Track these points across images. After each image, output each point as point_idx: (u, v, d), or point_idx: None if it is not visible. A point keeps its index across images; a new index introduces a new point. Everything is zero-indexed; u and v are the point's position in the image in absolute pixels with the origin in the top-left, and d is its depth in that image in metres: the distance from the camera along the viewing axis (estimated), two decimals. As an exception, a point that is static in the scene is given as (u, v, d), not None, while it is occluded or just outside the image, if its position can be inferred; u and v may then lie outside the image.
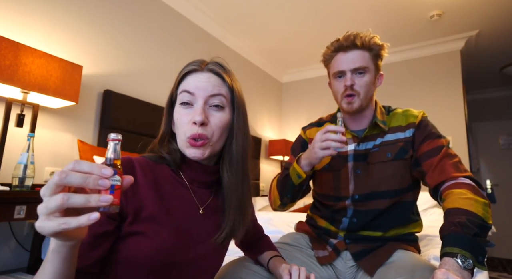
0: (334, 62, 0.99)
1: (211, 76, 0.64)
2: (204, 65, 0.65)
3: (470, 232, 0.66)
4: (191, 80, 0.63)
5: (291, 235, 1.04)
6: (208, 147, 0.61)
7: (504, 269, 3.39)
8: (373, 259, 0.85)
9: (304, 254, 0.95)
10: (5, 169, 1.45)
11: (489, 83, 4.19)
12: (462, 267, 0.61)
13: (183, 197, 0.63)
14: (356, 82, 0.94)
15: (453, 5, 2.54)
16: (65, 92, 1.50)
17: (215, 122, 0.62)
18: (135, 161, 0.59)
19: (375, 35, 0.97)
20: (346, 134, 0.98)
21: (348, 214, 0.95)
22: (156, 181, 0.60)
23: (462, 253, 0.62)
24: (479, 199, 0.72)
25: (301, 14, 2.74)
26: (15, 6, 1.58)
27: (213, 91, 0.62)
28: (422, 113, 0.97)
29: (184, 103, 0.62)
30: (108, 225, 0.52)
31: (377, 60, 0.98)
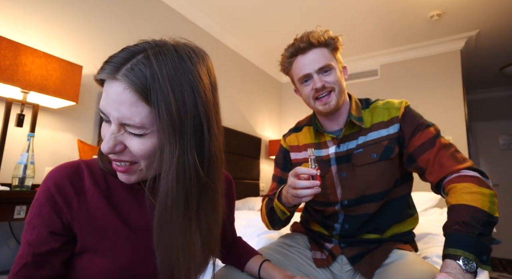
0: (295, 67, 0.94)
1: (123, 91, 0.43)
2: (119, 66, 0.45)
3: (474, 231, 0.64)
4: (104, 94, 0.46)
5: (291, 236, 1.03)
6: (136, 172, 0.49)
7: (504, 269, 3.39)
8: (369, 261, 0.83)
9: (303, 255, 0.93)
10: (5, 169, 1.45)
11: (489, 83, 4.18)
12: (464, 270, 0.59)
13: (141, 204, 0.54)
14: (325, 80, 0.90)
15: (453, 5, 2.54)
16: (65, 92, 1.50)
17: (134, 150, 0.46)
18: (85, 167, 0.51)
19: (327, 30, 0.93)
20: (325, 137, 0.96)
21: (339, 220, 0.92)
22: (110, 187, 0.52)
23: (465, 255, 0.60)
24: (485, 191, 0.69)
25: (301, 14, 2.74)
26: (15, 6, 1.58)
27: (123, 118, 0.44)
28: (404, 103, 0.91)
29: (105, 120, 0.48)
30: (52, 243, 0.47)
31: (337, 54, 0.95)
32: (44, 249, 0.47)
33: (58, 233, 0.48)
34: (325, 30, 0.93)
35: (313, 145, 1.00)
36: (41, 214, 0.47)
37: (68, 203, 0.48)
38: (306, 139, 1.03)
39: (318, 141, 0.99)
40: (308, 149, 0.79)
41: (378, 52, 3.38)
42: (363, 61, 3.50)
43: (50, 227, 0.47)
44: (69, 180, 0.49)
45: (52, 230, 0.47)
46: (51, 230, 0.47)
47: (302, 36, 0.92)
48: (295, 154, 1.04)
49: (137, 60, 0.46)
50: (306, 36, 0.91)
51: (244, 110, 3.36)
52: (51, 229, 0.47)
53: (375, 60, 3.46)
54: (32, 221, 0.47)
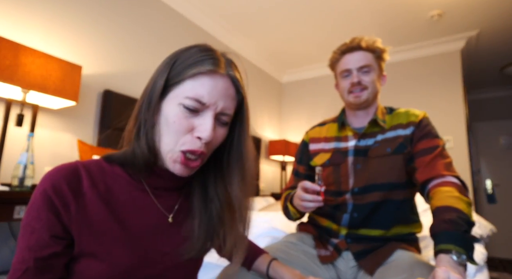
0: (341, 63, 1.05)
1: (229, 86, 0.54)
2: (223, 65, 0.53)
3: (461, 228, 0.68)
4: (206, 85, 0.51)
5: (296, 234, 1.05)
6: (199, 164, 0.53)
7: (504, 269, 3.39)
8: (373, 258, 0.86)
9: (308, 253, 0.95)
10: (5, 169, 1.45)
11: (489, 83, 4.18)
12: (457, 263, 0.63)
13: (143, 206, 0.54)
14: (362, 78, 1.00)
15: (453, 5, 2.54)
16: (65, 92, 1.50)
17: (216, 140, 0.54)
18: (82, 168, 0.50)
19: (378, 39, 1.04)
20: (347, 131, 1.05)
21: (348, 209, 0.96)
22: (109, 190, 0.52)
23: (456, 249, 0.64)
24: (464, 198, 0.76)
25: (301, 14, 2.74)
26: (15, 6, 1.58)
27: (226, 108, 0.53)
28: (424, 113, 1.00)
29: (191, 109, 0.50)
30: (54, 246, 0.46)
31: (380, 62, 1.05)
32: (47, 253, 0.46)
33: (60, 236, 0.47)
34: (376, 39, 1.04)
35: (334, 138, 1.08)
36: (40, 217, 0.46)
37: (66, 206, 0.47)
38: (328, 132, 1.11)
39: (339, 134, 1.07)
40: (316, 167, 0.88)
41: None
42: (363, 61, 3.50)
43: (51, 231, 0.46)
44: (67, 182, 0.48)
45: (53, 234, 0.46)
46: (52, 233, 0.46)
47: (354, 39, 1.03)
48: (314, 145, 1.12)
49: (230, 61, 0.56)
50: (358, 39, 1.03)
51: (244, 110, 3.36)
52: (52, 233, 0.46)
53: (375, 60, 3.46)
54: (30, 224, 0.46)
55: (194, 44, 0.56)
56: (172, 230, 0.56)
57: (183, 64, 0.52)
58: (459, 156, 2.87)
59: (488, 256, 1.32)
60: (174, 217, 0.57)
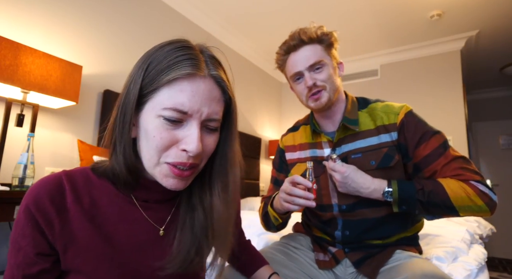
0: (288, 65, 0.93)
1: (213, 88, 0.48)
2: (203, 65, 0.47)
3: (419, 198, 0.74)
4: (185, 92, 0.45)
5: (294, 236, 1.01)
6: (193, 175, 0.50)
7: (504, 269, 3.39)
8: (373, 263, 0.82)
9: (306, 257, 0.92)
10: (5, 169, 1.45)
11: (489, 83, 4.18)
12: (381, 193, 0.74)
13: (132, 220, 0.50)
14: (316, 78, 0.88)
15: (453, 5, 2.54)
16: (65, 92, 1.50)
17: (208, 148, 0.49)
18: (67, 182, 0.47)
19: (321, 25, 0.90)
20: (321, 137, 0.95)
21: (338, 226, 0.90)
22: (94, 203, 0.49)
23: (394, 193, 0.72)
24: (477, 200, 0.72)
25: (301, 14, 2.74)
26: (15, 6, 1.58)
27: (213, 113, 0.47)
28: (405, 109, 0.87)
29: (172, 121, 0.45)
30: (41, 263, 0.45)
31: (331, 50, 0.92)
32: (35, 270, 0.44)
33: (46, 253, 0.45)
34: (318, 26, 0.90)
35: (308, 145, 0.98)
36: (24, 234, 0.44)
37: (50, 223, 0.45)
38: (302, 138, 1.02)
39: (314, 141, 0.97)
40: (308, 162, 0.80)
41: (378, 52, 3.38)
42: (363, 61, 3.50)
43: (36, 248, 0.45)
44: (50, 198, 0.45)
45: (39, 251, 0.45)
46: (37, 251, 0.44)
47: (293, 33, 0.90)
48: (291, 154, 1.03)
49: (212, 58, 0.50)
50: (298, 33, 0.89)
51: (244, 110, 3.36)
52: (38, 250, 0.44)
53: (375, 60, 3.46)
54: (16, 241, 0.45)
55: (168, 41, 0.50)
56: (164, 244, 0.52)
57: (157, 68, 0.46)
58: (459, 156, 2.87)
59: (488, 256, 1.32)
60: (166, 229, 0.53)
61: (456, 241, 1.21)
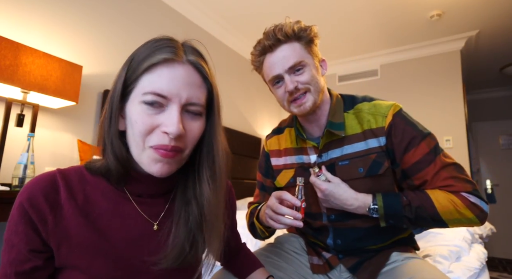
0: (265, 67, 0.84)
1: (192, 73, 0.49)
2: (181, 52, 0.50)
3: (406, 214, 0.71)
4: (163, 75, 0.47)
5: (287, 238, 0.97)
6: (179, 160, 0.50)
7: (504, 269, 3.39)
8: (370, 268, 0.79)
9: (300, 259, 0.90)
10: (5, 169, 1.45)
11: (489, 83, 4.18)
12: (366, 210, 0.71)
13: (126, 215, 0.51)
14: (298, 80, 0.79)
15: (453, 5, 2.54)
16: (65, 92, 1.50)
17: (192, 133, 0.50)
18: (61, 179, 0.48)
19: (298, 21, 0.81)
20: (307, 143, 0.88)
21: (330, 235, 0.86)
22: (88, 200, 0.49)
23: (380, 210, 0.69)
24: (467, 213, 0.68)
25: (301, 15, 2.74)
26: (15, 6, 1.58)
27: (193, 97, 0.48)
28: (392, 110, 0.79)
29: (151, 103, 0.47)
30: (34, 260, 0.45)
31: (311, 47, 0.82)
32: (28, 267, 0.45)
33: (39, 250, 0.45)
34: (295, 21, 0.80)
35: (293, 150, 0.91)
36: (17, 231, 0.45)
37: (43, 220, 0.45)
38: (286, 142, 0.94)
39: (299, 146, 0.90)
40: (298, 178, 0.73)
41: (378, 52, 3.38)
42: (363, 61, 3.50)
43: (29, 245, 0.45)
44: (44, 195, 0.46)
45: (32, 248, 0.45)
46: (30, 247, 0.45)
47: (268, 31, 0.80)
48: (276, 159, 0.95)
49: (191, 47, 0.53)
50: (273, 31, 0.79)
51: (244, 110, 3.36)
52: (31, 247, 0.45)
53: (375, 60, 3.46)
54: (10, 238, 0.45)
55: (153, 38, 0.53)
56: (159, 238, 0.52)
57: (138, 59, 0.49)
58: (458, 156, 2.87)
59: (488, 256, 1.33)
60: (160, 224, 0.53)
61: (458, 240, 1.21)
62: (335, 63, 3.60)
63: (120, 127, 0.50)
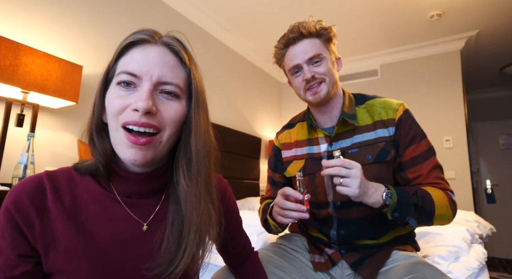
0: (286, 58, 0.93)
1: (165, 53, 0.49)
2: (156, 36, 0.51)
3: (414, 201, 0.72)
4: (135, 55, 0.48)
5: (290, 237, 1.00)
6: (155, 146, 0.47)
7: (504, 269, 3.39)
8: (371, 265, 0.82)
9: (302, 258, 0.92)
10: (5, 169, 1.45)
11: (489, 83, 4.18)
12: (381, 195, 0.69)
13: (114, 217, 0.49)
14: (315, 71, 0.88)
15: (453, 5, 2.54)
16: (65, 92, 1.50)
17: (167, 114, 0.48)
18: (48, 181, 0.47)
19: (320, 20, 0.91)
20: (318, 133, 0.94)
21: (334, 225, 0.89)
22: (76, 202, 0.48)
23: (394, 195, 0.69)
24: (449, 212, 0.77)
25: (301, 15, 2.74)
26: (15, 6, 1.58)
27: (165, 76, 0.48)
28: (402, 107, 0.88)
29: (123, 82, 0.47)
30: (24, 265, 0.44)
31: (330, 45, 0.92)
32: (18, 272, 0.43)
33: (27, 255, 0.44)
34: (317, 20, 0.90)
35: (305, 141, 0.97)
36: (4, 236, 0.44)
37: (30, 224, 0.44)
38: (298, 135, 1.01)
39: (310, 137, 0.96)
40: (297, 173, 0.77)
41: (378, 52, 3.38)
42: (363, 61, 3.50)
43: (17, 250, 0.44)
44: (30, 198, 0.45)
45: (20, 253, 0.44)
46: (18, 252, 0.44)
47: (293, 27, 0.90)
48: (287, 151, 1.01)
49: (170, 33, 0.52)
50: (297, 26, 0.89)
51: (244, 110, 3.36)
52: (19, 252, 0.44)
53: (375, 60, 3.46)
54: None
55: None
56: (149, 241, 0.50)
57: (118, 47, 0.51)
58: (458, 156, 2.87)
59: (488, 256, 1.33)
60: (151, 225, 0.51)
61: (457, 240, 1.21)
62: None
63: (105, 119, 0.51)
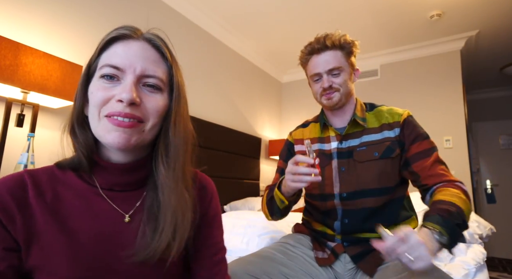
0: (309, 65, 1.04)
1: (147, 48, 0.51)
2: (138, 31, 0.53)
3: (455, 221, 0.69)
4: (118, 50, 0.49)
5: (294, 236, 1.04)
6: (139, 132, 0.49)
7: (504, 269, 3.39)
8: (372, 259, 0.86)
9: (305, 255, 0.94)
10: (5, 169, 1.45)
11: (489, 83, 4.18)
12: (437, 240, 0.63)
13: (97, 212, 0.49)
14: (333, 81, 0.99)
15: (453, 5, 2.54)
16: (65, 92, 1.50)
17: (151, 105, 0.49)
18: (28, 178, 0.48)
19: (345, 34, 1.01)
20: (330, 132, 1.04)
21: (338, 216, 0.94)
22: (58, 198, 0.48)
23: (442, 232, 0.64)
24: (468, 203, 0.77)
25: (301, 15, 2.74)
26: (15, 5, 1.58)
27: (148, 69, 0.49)
28: (407, 113, 0.99)
29: (107, 76, 0.48)
30: (10, 259, 0.44)
31: (350, 58, 1.02)
32: (3, 266, 0.43)
33: (13, 249, 0.44)
34: (343, 34, 1.00)
35: (317, 139, 1.06)
36: None
37: (12, 220, 0.44)
38: (311, 133, 1.11)
39: (322, 135, 1.06)
40: (305, 140, 0.84)
41: (378, 52, 3.38)
42: (363, 61, 3.50)
43: (2, 243, 0.44)
44: (11, 194, 0.45)
45: (5, 246, 0.44)
46: (3, 246, 0.44)
47: (319, 38, 1.00)
48: (299, 146, 1.12)
49: (151, 30, 0.55)
50: (323, 38, 0.99)
51: (244, 110, 3.36)
52: (4, 245, 0.44)
53: (375, 60, 3.46)
54: None
55: None
56: (130, 231, 0.50)
57: (101, 42, 0.52)
58: (458, 156, 2.87)
59: (487, 256, 1.33)
60: (132, 216, 0.51)
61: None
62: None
63: (86, 112, 0.52)
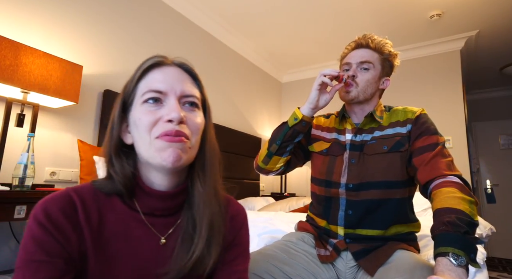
0: (346, 56, 1.07)
1: (181, 72, 0.55)
2: (168, 59, 0.56)
3: (460, 230, 0.66)
4: (157, 76, 0.52)
5: (296, 234, 1.04)
6: (186, 150, 0.50)
7: (504, 269, 3.39)
8: (373, 258, 0.85)
9: (307, 253, 0.94)
10: (5, 169, 1.45)
11: (489, 83, 4.18)
12: (456, 265, 0.61)
13: (136, 235, 0.50)
14: (358, 75, 0.99)
15: (453, 5, 2.54)
16: (65, 92, 1.50)
17: (193, 123, 0.52)
18: (77, 198, 0.47)
19: (389, 42, 1.03)
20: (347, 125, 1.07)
21: (342, 206, 0.95)
22: (102, 221, 0.48)
23: (455, 252, 0.62)
24: (466, 197, 0.73)
25: (301, 15, 2.74)
26: (15, 5, 1.58)
27: (186, 90, 0.53)
28: (421, 110, 0.98)
29: (151, 99, 0.50)
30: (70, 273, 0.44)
31: (385, 64, 1.03)
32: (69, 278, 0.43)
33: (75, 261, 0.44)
34: (388, 42, 1.03)
35: (334, 129, 1.09)
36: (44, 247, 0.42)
37: (67, 238, 0.44)
38: (330, 123, 1.13)
39: (340, 127, 1.09)
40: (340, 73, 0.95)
41: (378, 52, 3.38)
42: (363, 61, 3.51)
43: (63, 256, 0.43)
44: (63, 213, 0.44)
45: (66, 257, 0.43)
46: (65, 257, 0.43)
47: (365, 35, 1.03)
48: (317, 131, 1.14)
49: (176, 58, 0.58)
50: (369, 37, 1.02)
51: (244, 110, 3.36)
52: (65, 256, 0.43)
53: (375, 60, 3.46)
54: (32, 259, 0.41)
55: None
56: (165, 252, 0.51)
57: (132, 77, 0.55)
58: (458, 156, 2.87)
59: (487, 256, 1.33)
60: (169, 237, 0.52)
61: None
62: (335, 63, 3.60)
63: (127, 140, 0.53)
